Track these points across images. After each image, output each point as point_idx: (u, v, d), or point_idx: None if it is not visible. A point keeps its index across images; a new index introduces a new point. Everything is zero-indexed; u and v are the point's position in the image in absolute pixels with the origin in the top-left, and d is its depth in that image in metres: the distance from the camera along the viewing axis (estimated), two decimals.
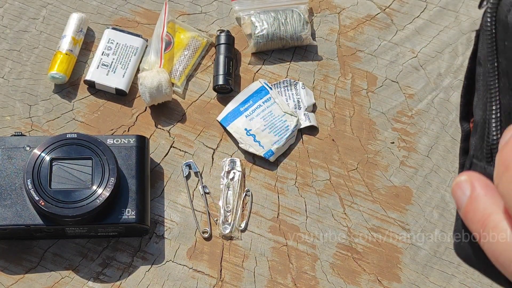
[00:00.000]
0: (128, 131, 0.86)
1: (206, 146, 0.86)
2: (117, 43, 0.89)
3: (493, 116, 0.48)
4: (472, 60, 0.54)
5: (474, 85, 0.54)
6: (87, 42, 0.91)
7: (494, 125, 0.48)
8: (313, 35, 0.93)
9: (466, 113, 0.54)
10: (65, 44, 0.88)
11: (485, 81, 0.49)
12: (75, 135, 0.78)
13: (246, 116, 0.87)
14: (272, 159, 0.85)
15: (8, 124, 0.86)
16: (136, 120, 0.87)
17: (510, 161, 0.33)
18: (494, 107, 0.49)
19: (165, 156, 0.85)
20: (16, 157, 0.78)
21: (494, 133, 0.48)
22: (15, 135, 0.79)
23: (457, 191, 0.36)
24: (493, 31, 0.49)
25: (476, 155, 0.54)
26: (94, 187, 0.75)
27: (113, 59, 0.88)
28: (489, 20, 0.50)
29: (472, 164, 0.55)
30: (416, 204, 0.83)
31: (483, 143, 0.52)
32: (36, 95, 0.88)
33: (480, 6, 0.51)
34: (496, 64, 0.49)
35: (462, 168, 0.56)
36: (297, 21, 0.91)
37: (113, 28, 0.91)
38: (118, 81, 0.87)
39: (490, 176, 0.39)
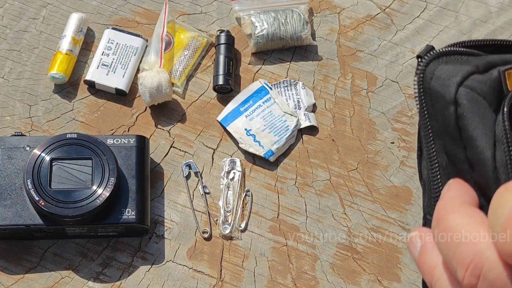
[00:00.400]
0: (128, 131, 0.86)
1: (206, 146, 0.86)
2: (117, 43, 0.89)
3: (433, 175, 0.53)
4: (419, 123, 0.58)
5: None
6: (87, 42, 0.91)
7: (435, 183, 0.53)
8: (313, 35, 0.93)
9: (420, 174, 0.59)
10: (65, 44, 0.88)
11: (425, 144, 0.54)
12: (75, 135, 0.78)
13: (246, 116, 0.87)
14: (272, 159, 0.85)
15: (8, 124, 0.86)
16: (136, 120, 0.87)
17: (441, 215, 0.37)
18: (433, 167, 0.53)
19: (165, 156, 0.85)
20: (16, 157, 0.78)
21: (435, 190, 0.53)
22: (15, 135, 0.79)
23: (410, 246, 0.40)
24: (422, 98, 0.54)
25: (428, 211, 0.58)
26: (94, 187, 0.75)
27: (113, 59, 0.88)
28: (416, 89, 0.55)
29: (427, 220, 0.59)
30: (416, 204, 0.83)
31: (430, 200, 0.55)
32: (36, 95, 0.88)
33: (416, 75, 0.57)
34: (429, 128, 0.54)
35: (424, 223, 0.60)
36: (297, 21, 0.91)
37: (113, 28, 0.91)
38: (118, 81, 0.87)
39: None
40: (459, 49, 0.56)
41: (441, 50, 0.56)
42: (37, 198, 0.74)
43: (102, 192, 0.75)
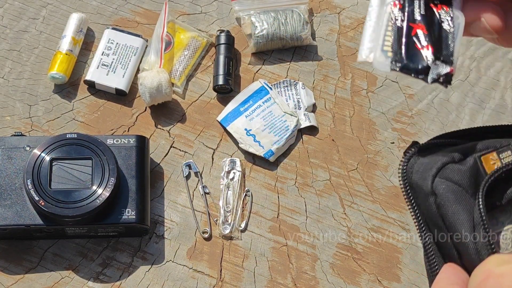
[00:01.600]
0: (128, 131, 0.86)
1: (206, 146, 0.86)
2: (117, 43, 0.89)
3: (430, 263, 0.59)
4: None
5: None
6: (87, 42, 0.91)
7: (434, 269, 0.58)
8: (313, 35, 0.93)
9: None
10: (65, 44, 0.88)
11: (418, 234, 0.59)
12: (75, 135, 0.78)
13: (246, 116, 0.87)
14: (272, 159, 0.85)
15: (8, 124, 0.86)
16: (136, 120, 0.87)
17: None
18: (429, 255, 0.59)
19: (165, 156, 0.85)
20: (16, 157, 0.78)
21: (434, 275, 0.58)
22: (15, 135, 0.79)
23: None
24: (408, 192, 0.59)
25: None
26: (94, 187, 0.75)
27: (113, 59, 0.88)
28: (401, 183, 0.59)
29: None
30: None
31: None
32: (36, 95, 0.88)
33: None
34: (419, 218, 0.59)
35: None
36: (297, 21, 0.91)
37: (113, 28, 0.91)
38: (118, 81, 0.87)
39: None
40: (439, 140, 0.60)
41: (421, 145, 0.60)
42: (37, 198, 0.74)
43: (102, 192, 0.75)
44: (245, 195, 0.83)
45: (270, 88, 0.88)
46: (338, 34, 0.94)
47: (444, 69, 0.57)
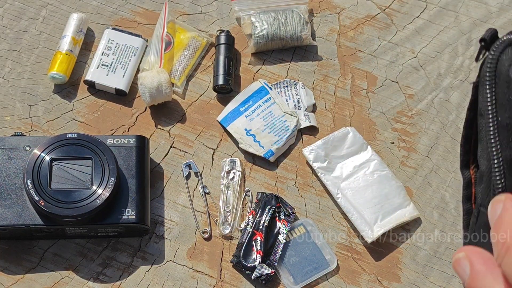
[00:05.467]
0: (128, 131, 0.86)
1: (206, 146, 0.86)
2: (117, 43, 0.89)
3: (496, 169, 0.50)
4: (470, 110, 0.55)
5: (473, 135, 0.56)
6: (87, 42, 0.91)
7: (498, 177, 0.50)
8: (313, 35, 0.93)
9: (466, 161, 0.55)
10: (65, 44, 0.88)
11: (487, 134, 0.50)
12: (75, 135, 0.78)
13: (246, 116, 0.87)
14: (272, 159, 0.85)
15: (8, 124, 0.86)
16: (136, 120, 0.87)
17: (510, 241, 0.34)
18: (496, 160, 0.50)
19: (165, 156, 0.85)
20: (16, 157, 0.78)
21: (499, 186, 0.50)
22: (15, 135, 0.79)
23: (458, 269, 0.37)
24: (493, 85, 0.50)
25: (483, 203, 0.54)
26: (94, 187, 0.75)
27: (113, 59, 0.88)
28: (488, 74, 0.51)
29: (480, 212, 0.55)
30: (416, 204, 0.83)
31: (489, 192, 0.52)
32: (36, 95, 0.88)
33: (477, 59, 0.53)
34: (495, 118, 0.50)
35: (467, 214, 0.56)
36: (297, 21, 0.91)
37: (113, 28, 0.91)
38: (118, 81, 0.87)
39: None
40: None
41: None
42: (37, 198, 0.74)
43: (102, 192, 0.75)
44: (245, 195, 0.83)
45: (270, 88, 0.88)
46: (338, 34, 0.94)
47: (266, 271, 0.76)
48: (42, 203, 0.74)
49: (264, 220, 0.78)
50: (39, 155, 0.76)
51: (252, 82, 0.90)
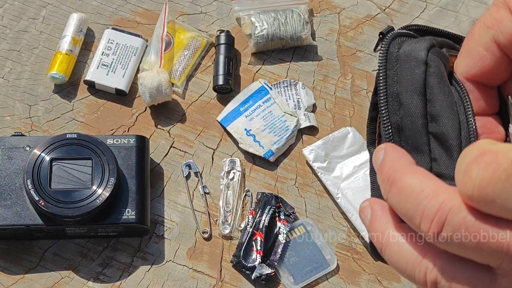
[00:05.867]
0: (128, 131, 0.86)
1: (206, 146, 0.86)
2: (117, 43, 0.89)
3: (386, 134, 0.59)
4: (374, 95, 0.65)
5: (376, 116, 0.64)
6: (87, 42, 0.91)
7: (387, 140, 0.59)
8: (313, 35, 0.93)
9: (372, 140, 0.64)
10: (65, 44, 0.88)
11: (379, 105, 0.60)
12: (75, 135, 0.78)
13: (246, 116, 0.87)
14: (272, 159, 0.85)
15: (8, 124, 0.86)
16: (136, 120, 0.87)
17: (393, 177, 0.41)
18: (386, 126, 0.59)
19: (165, 156, 0.85)
20: (16, 157, 0.78)
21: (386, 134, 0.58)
22: (15, 135, 0.79)
23: (361, 216, 0.43)
24: (384, 64, 0.61)
25: (369, 148, 0.63)
26: (94, 187, 0.75)
27: (113, 59, 0.88)
28: (380, 56, 0.62)
29: (369, 152, 0.62)
30: None
31: (372, 136, 0.62)
32: (36, 95, 0.88)
33: (375, 50, 0.64)
34: (385, 90, 0.61)
35: (373, 184, 0.64)
36: (297, 21, 0.91)
37: (113, 28, 0.91)
38: (118, 81, 0.87)
39: None
40: (413, 33, 0.63)
41: (403, 31, 0.63)
42: (37, 198, 0.74)
43: (102, 192, 0.75)
44: (245, 195, 0.83)
45: (270, 88, 0.88)
46: (338, 34, 0.94)
47: (266, 271, 0.77)
48: (42, 203, 0.74)
49: (264, 220, 0.78)
50: (39, 155, 0.76)
51: (252, 82, 0.90)
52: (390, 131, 0.60)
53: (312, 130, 0.87)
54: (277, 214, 0.80)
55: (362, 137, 0.85)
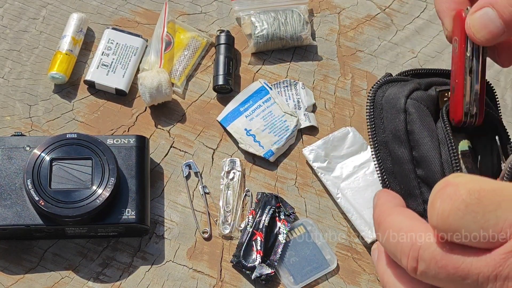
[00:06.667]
0: (128, 131, 0.86)
1: (206, 146, 0.86)
2: (117, 43, 0.89)
3: (381, 180, 0.67)
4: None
5: None
6: (87, 42, 0.91)
7: (382, 185, 0.67)
8: (313, 35, 0.93)
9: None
10: (65, 44, 0.88)
11: (371, 151, 0.67)
12: (75, 135, 0.78)
13: (246, 116, 0.87)
14: (272, 159, 0.85)
15: (8, 124, 0.86)
16: (136, 120, 0.87)
17: (380, 219, 0.45)
18: (379, 171, 0.66)
19: (165, 156, 0.85)
20: (16, 157, 0.78)
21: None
22: (15, 135, 0.79)
23: (372, 255, 0.48)
24: (372, 113, 0.66)
25: None
26: (94, 187, 0.75)
27: (113, 59, 0.88)
28: (368, 105, 0.67)
29: None
30: None
31: None
32: (36, 95, 0.88)
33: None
34: (375, 137, 0.67)
35: None
36: (297, 21, 0.91)
37: (113, 28, 0.91)
38: (118, 81, 0.87)
39: None
40: (403, 77, 0.69)
41: (389, 78, 0.69)
42: (37, 198, 0.74)
43: (102, 192, 0.75)
44: (245, 195, 0.83)
45: (270, 88, 0.88)
46: (338, 34, 0.94)
47: (266, 271, 0.77)
48: (42, 203, 0.74)
49: (264, 220, 0.78)
50: (39, 155, 0.76)
51: (252, 82, 0.90)
52: (385, 177, 0.67)
53: (312, 130, 0.87)
54: (277, 214, 0.80)
55: (362, 137, 0.85)
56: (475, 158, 0.70)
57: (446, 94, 0.67)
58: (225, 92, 0.89)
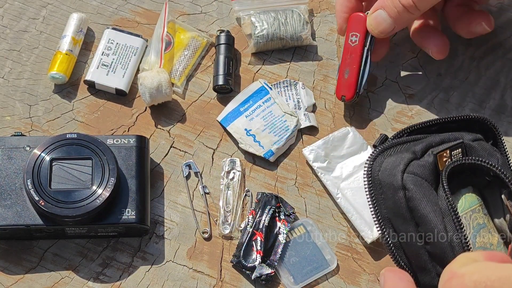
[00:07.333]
0: (128, 131, 0.86)
1: (206, 146, 0.86)
2: (117, 43, 0.89)
3: (390, 253, 0.68)
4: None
5: None
6: (87, 42, 0.91)
7: (393, 260, 0.68)
8: (313, 35, 0.93)
9: None
10: (65, 44, 0.88)
11: (376, 226, 0.68)
12: (75, 135, 0.78)
13: (246, 116, 0.87)
14: (272, 159, 0.85)
15: (8, 124, 0.86)
16: (136, 120, 0.87)
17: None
18: (388, 247, 0.67)
19: (165, 156, 0.85)
20: (16, 157, 0.78)
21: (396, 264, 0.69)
22: (15, 135, 0.79)
23: (379, 279, 0.54)
24: (371, 187, 0.67)
25: None
26: (94, 187, 0.75)
27: (113, 59, 0.88)
28: (365, 177, 0.68)
29: None
30: None
31: None
32: (36, 95, 0.88)
33: (374, 146, 0.72)
34: (378, 213, 0.67)
35: None
36: (297, 21, 0.91)
37: (113, 28, 0.91)
38: (118, 81, 0.87)
39: None
40: (400, 139, 0.70)
41: (384, 146, 0.69)
42: (37, 198, 0.74)
43: (102, 192, 0.75)
44: (245, 195, 0.83)
45: (270, 88, 0.88)
46: (338, 34, 0.93)
47: (266, 271, 0.76)
48: (42, 203, 0.74)
49: (264, 220, 0.79)
50: (39, 155, 0.76)
51: (252, 82, 0.90)
52: (394, 251, 0.67)
53: (312, 130, 0.87)
54: (277, 214, 0.80)
55: (362, 137, 0.85)
56: (487, 208, 0.70)
57: (444, 155, 0.66)
58: (225, 92, 0.89)
